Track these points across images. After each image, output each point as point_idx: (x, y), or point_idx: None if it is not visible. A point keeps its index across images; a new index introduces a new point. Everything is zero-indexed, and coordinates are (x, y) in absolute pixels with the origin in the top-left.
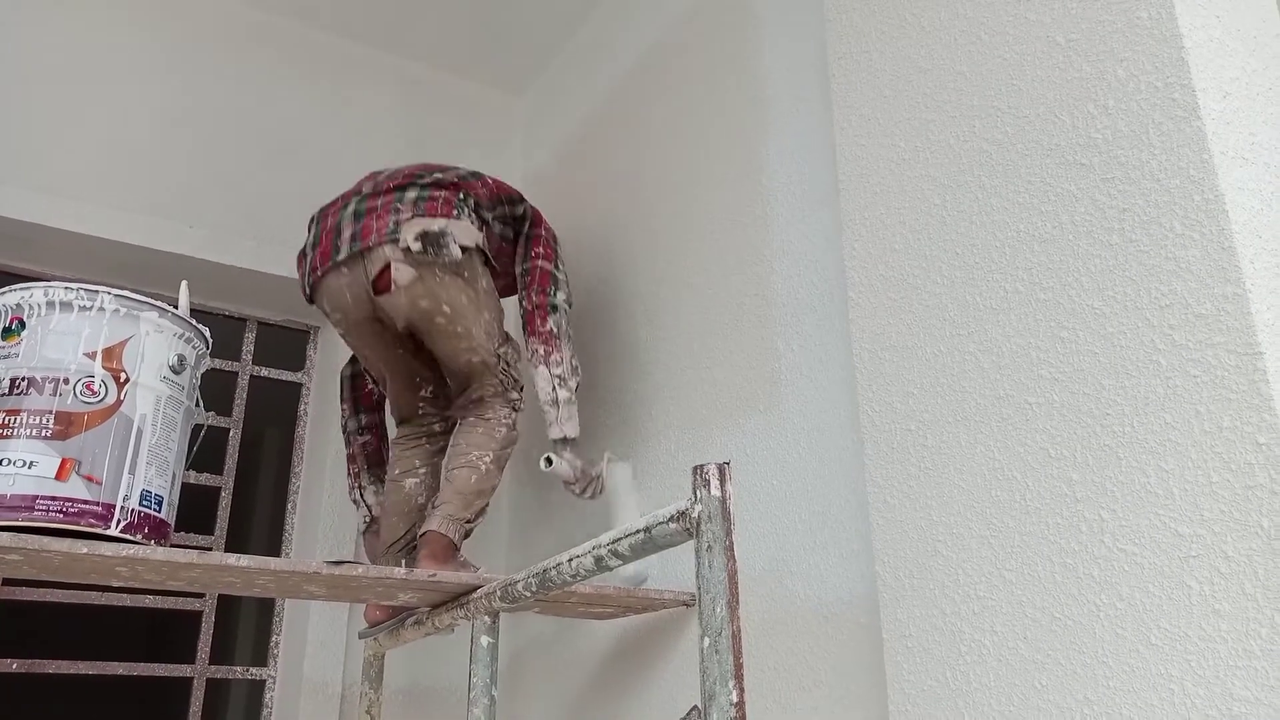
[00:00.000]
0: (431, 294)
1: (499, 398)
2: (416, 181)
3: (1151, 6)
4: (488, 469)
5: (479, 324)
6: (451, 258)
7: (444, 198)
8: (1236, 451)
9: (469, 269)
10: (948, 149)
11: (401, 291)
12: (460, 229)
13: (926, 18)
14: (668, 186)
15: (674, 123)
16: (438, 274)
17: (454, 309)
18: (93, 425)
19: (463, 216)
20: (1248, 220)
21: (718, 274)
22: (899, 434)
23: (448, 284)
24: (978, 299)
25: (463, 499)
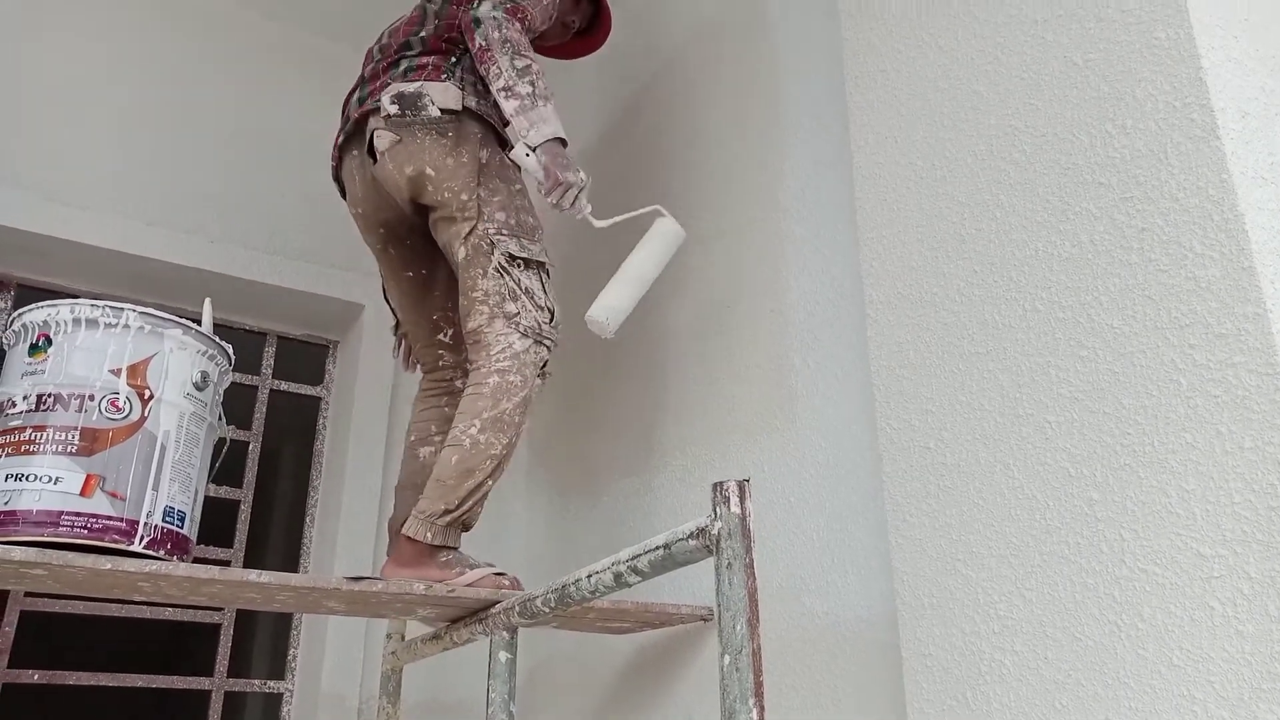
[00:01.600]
0: (412, 157)
1: (497, 318)
2: (406, 54)
3: (1169, 27)
4: (474, 442)
5: (469, 191)
6: (429, 116)
7: (432, 64)
8: (1258, 472)
9: (455, 130)
10: (965, 168)
11: (386, 158)
12: (439, 90)
13: (944, 38)
14: (684, 202)
15: (690, 139)
16: (418, 135)
17: (438, 172)
18: (117, 442)
19: (451, 79)
20: (1267, 240)
21: (734, 290)
22: (918, 452)
23: (428, 146)
24: (997, 317)
25: (441, 488)
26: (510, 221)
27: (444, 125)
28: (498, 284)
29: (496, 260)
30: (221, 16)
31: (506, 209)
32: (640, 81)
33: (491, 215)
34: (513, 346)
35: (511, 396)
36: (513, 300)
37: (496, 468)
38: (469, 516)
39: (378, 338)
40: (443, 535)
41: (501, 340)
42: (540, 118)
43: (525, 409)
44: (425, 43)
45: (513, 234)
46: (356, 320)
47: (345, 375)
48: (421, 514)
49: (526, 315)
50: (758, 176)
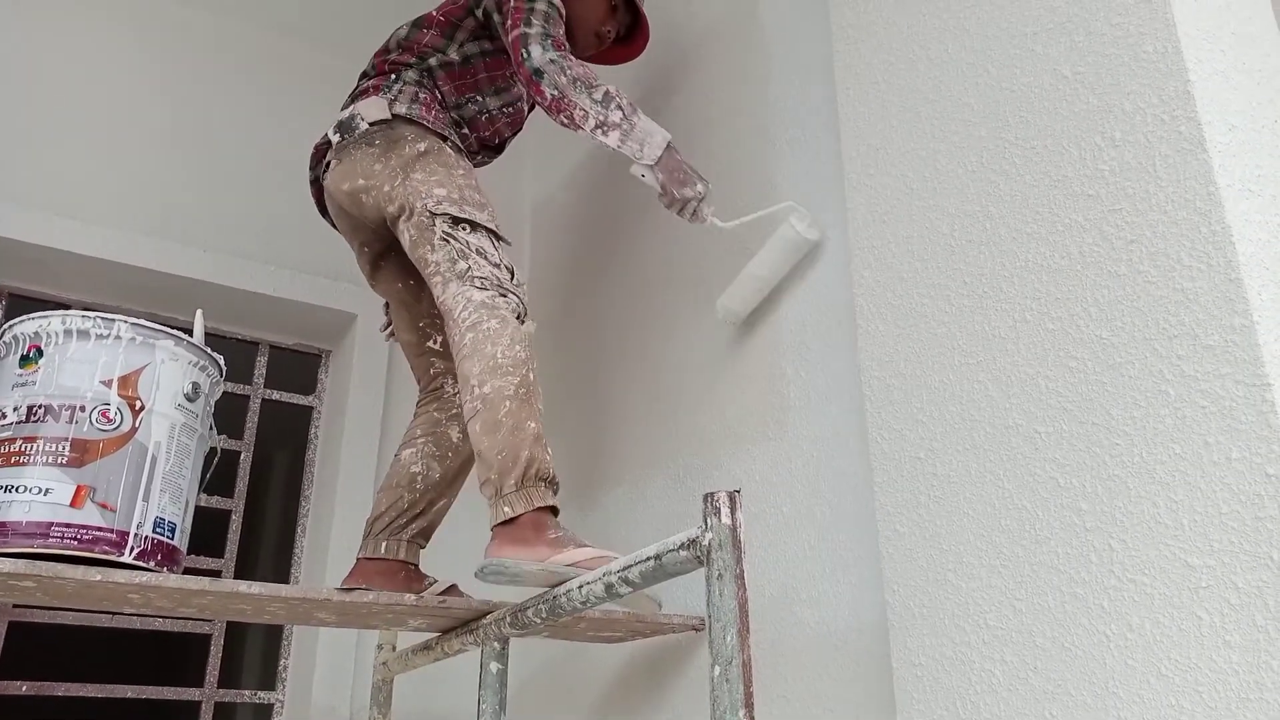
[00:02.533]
0: (347, 174)
1: (451, 282)
2: (360, 82)
3: (1157, 40)
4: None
5: (398, 182)
6: (360, 132)
7: (371, 85)
8: (1246, 483)
9: (383, 137)
10: (956, 179)
11: (329, 183)
12: (367, 106)
13: (934, 50)
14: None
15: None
16: (352, 152)
17: (368, 179)
18: (108, 453)
19: (387, 93)
20: (1255, 252)
21: None
22: (908, 462)
23: (359, 158)
24: (986, 328)
25: (482, 462)
26: (452, 195)
27: (372, 135)
28: (445, 251)
29: (440, 230)
30: (216, 29)
31: (446, 186)
32: (631, 92)
33: (430, 192)
34: (472, 300)
35: (495, 340)
36: (462, 259)
37: (521, 407)
38: (540, 468)
39: (370, 347)
40: (524, 500)
41: (460, 299)
42: (644, 134)
43: (523, 344)
44: (374, 68)
45: (455, 203)
46: (349, 330)
47: (337, 385)
48: (488, 499)
49: (479, 268)
50: (749, 186)
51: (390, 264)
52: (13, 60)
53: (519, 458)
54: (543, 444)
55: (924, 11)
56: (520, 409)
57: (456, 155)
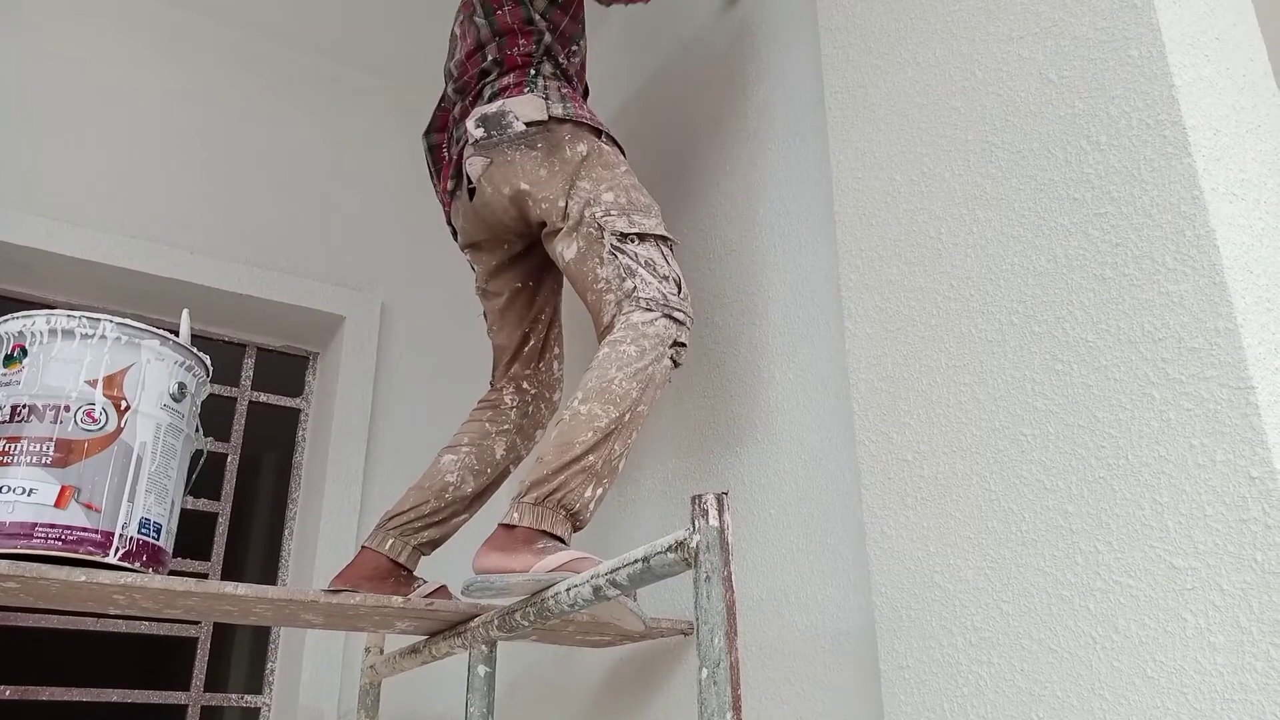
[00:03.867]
0: (507, 176)
1: (622, 301)
2: (487, 81)
3: (1142, 45)
4: (574, 414)
5: (564, 197)
6: (515, 132)
7: (512, 81)
8: (1230, 485)
9: (544, 140)
10: (942, 182)
11: (482, 183)
12: (519, 104)
13: (921, 53)
14: (665, 216)
15: (671, 151)
16: (507, 153)
17: (534, 186)
18: (93, 453)
19: (533, 90)
20: (1238, 255)
21: (714, 301)
22: (895, 464)
23: (519, 161)
24: (973, 331)
25: (537, 466)
26: (620, 200)
27: (532, 138)
28: (614, 267)
29: (609, 243)
30: (203, 31)
31: (614, 190)
32: (623, 96)
33: (598, 199)
34: (630, 319)
35: (623, 367)
36: (631, 276)
37: (600, 442)
38: (568, 497)
39: (359, 349)
40: (533, 515)
41: (621, 320)
42: None
43: (644, 384)
44: (501, 64)
45: (622, 212)
46: (337, 331)
47: (325, 387)
48: (515, 498)
49: (646, 287)
50: (738, 188)
51: (520, 263)
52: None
53: (557, 480)
54: (590, 479)
55: (911, 15)
56: (597, 444)
57: (614, 151)
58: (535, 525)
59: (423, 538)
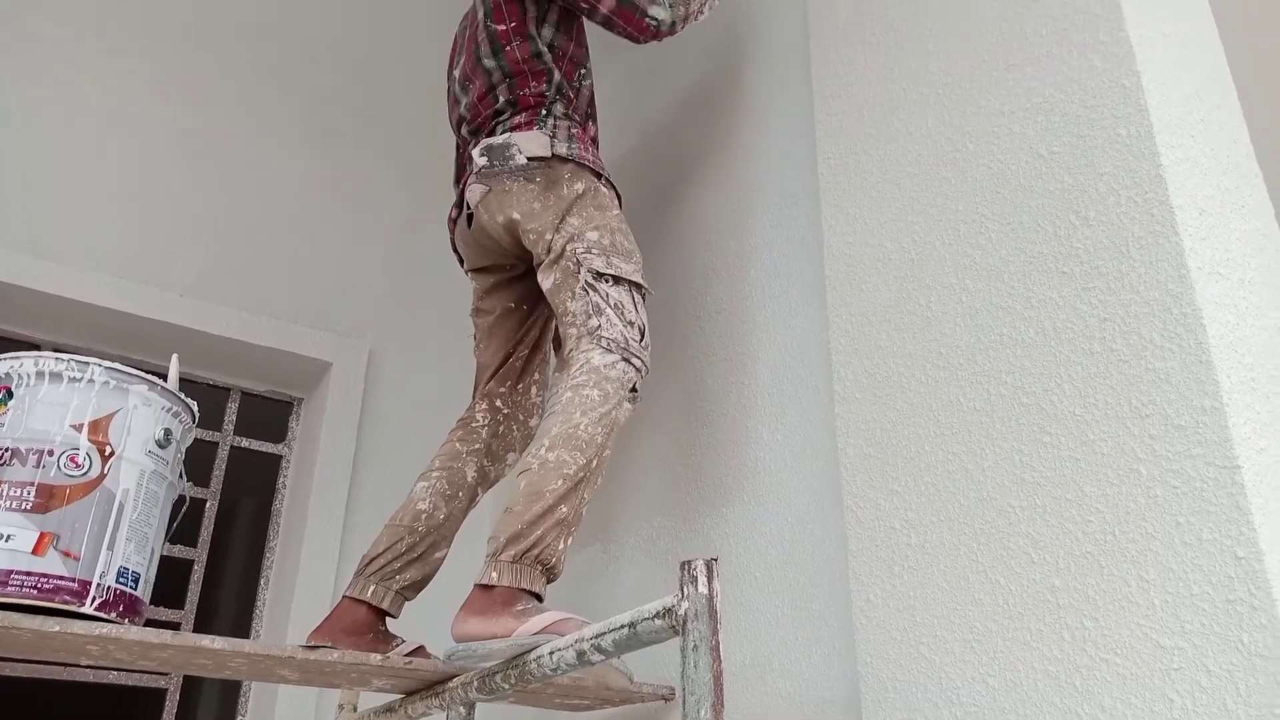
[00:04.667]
0: (502, 205)
1: (583, 337)
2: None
3: (1131, 125)
4: (542, 462)
5: (555, 224)
6: (516, 164)
7: (524, 119)
8: (1217, 564)
9: (543, 175)
10: (933, 251)
11: (480, 210)
12: (525, 139)
13: (914, 125)
14: (659, 273)
15: (665, 206)
16: (506, 183)
17: (525, 217)
18: (74, 499)
19: (542, 128)
20: (1224, 334)
21: (703, 359)
22: (883, 532)
23: (516, 191)
24: (962, 400)
25: (507, 519)
26: (603, 241)
27: (531, 171)
28: (584, 303)
29: (583, 279)
30: (199, 74)
31: (600, 230)
32: (618, 151)
33: (582, 236)
34: (591, 361)
35: (588, 411)
36: (597, 315)
37: (571, 491)
38: (545, 552)
39: (344, 396)
40: (512, 574)
41: (581, 358)
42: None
43: (608, 429)
44: (515, 104)
45: (602, 252)
46: (323, 378)
47: (308, 433)
48: (489, 556)
49: (610, 328)
50: (731, 249)
51: (516, 285)
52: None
53: (533, 535)
54: (564, 532)
55: (904, 86)
56: (568, 493)
57: (610, 195)
58: (514, 584)
59: (405, 579)
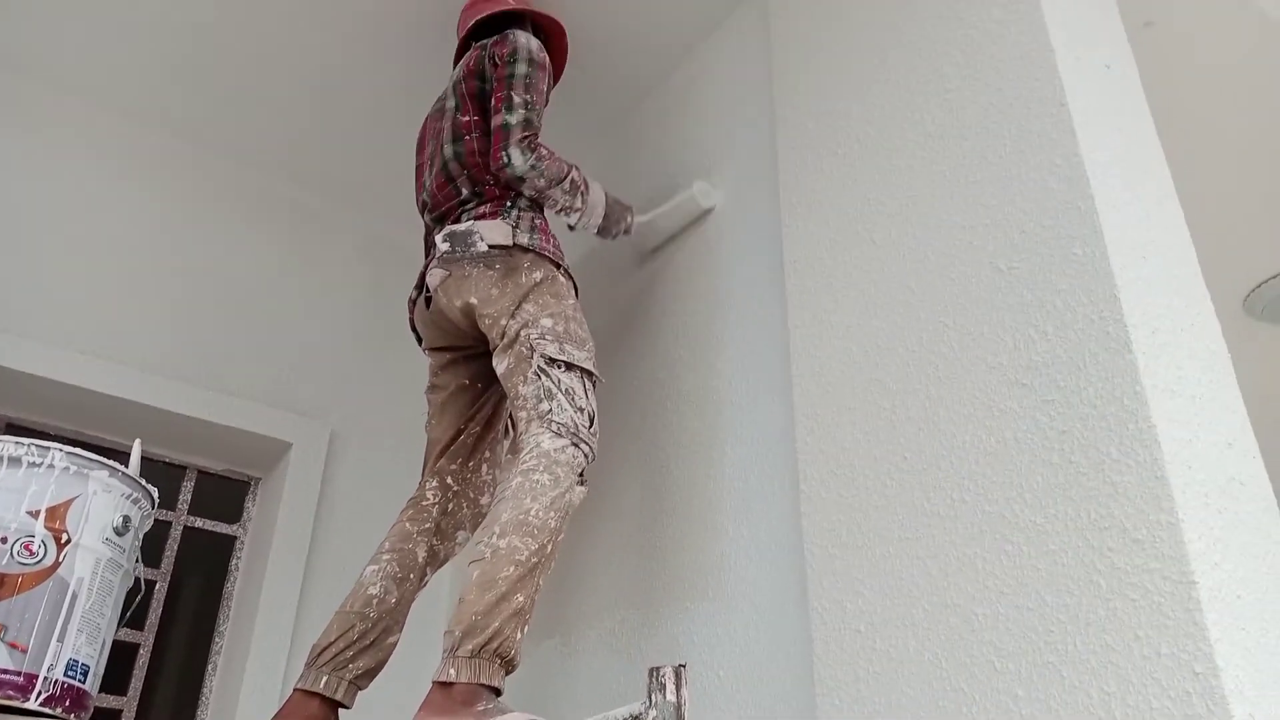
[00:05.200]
0: (460, 289)
1: (533, 421)
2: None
3: (1086, 245)
4: (494, 550)
5: (510, 310)
6: (477, 251)
7: (489, 209)
8: (1175, 679)
9: (503, 263)
10: (896, 357)
11: (439, 293)
12: (488, 227)
13: (879, 234)
14: (627, 365)
15: (633, 300)
16: (466, 269)
17: (482, 303)
18: (26, 588)
19: (508, 217)
20: (1178, 451)
21: (669, 451)
22: (849, 635)
23: (475, 277)
24: (925, 504)
25: (462, 610)
26: (556, 329)
27: (491, 259)
28: (535, 388)
29: (536, 363)
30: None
31: (555, 318)
32: (587, 244)
33: (536, 322)
34: (541, 445)
35: (539, 497)
36: (548, 399)
37: (525, 578)
38: (503, 645)
39: (303, 477)
40: (470, 669)
41: (531, 441)
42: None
43: (561, 513)
44: (480, 195)
45: (556, 339)
46: (282, 458)
47: (265, 514)
48: (445, 651)
49: (561, 413)
50: (699, 343)
51: (472, 363)
52: None
53: (490, 627)
54: (521, 622)
55: (869, 197)
56: (521, 580)
57: (568, 285)
58: (474, 680)
59: (358, 668)
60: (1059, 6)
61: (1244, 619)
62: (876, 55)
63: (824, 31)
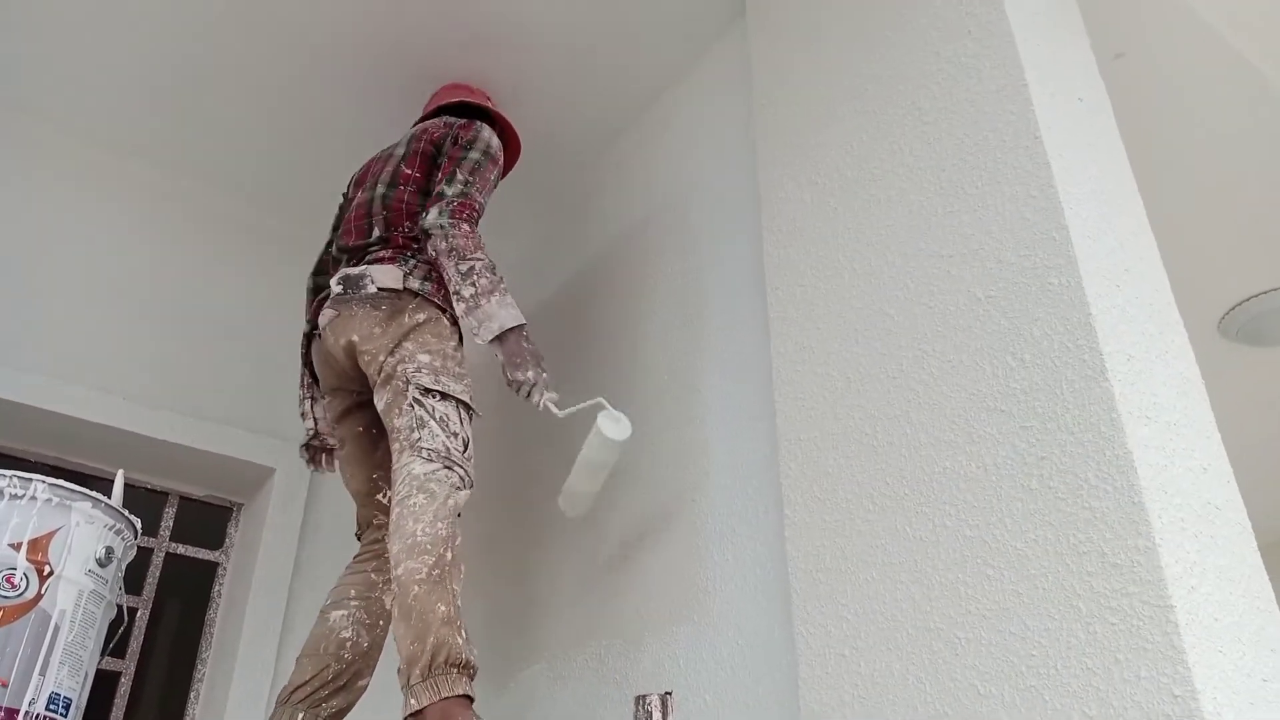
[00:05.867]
0: (345, 328)
1: (404, 450)
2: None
3: (1061, 274)
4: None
5: (390, 348)
6: (366, 294)
7: (388, 255)
8: (1155, 702)
9: (389, 305)
10: (878, 383)
11: (326, 331)
12: (380, 271)
13: (859, 262)
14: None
15: (614, 332)
16: (354, 309)
17: (363, 340)
18: (7, 621)
19: (404, 265)
20: (1154, 476)
21: (657, 477)
22: (833, 659)
23: (360, 317)
24: (908, 529)
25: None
26: (434, 364)
27: (379, 300)
28: (408, 419)
29: (411, 394)
30: (144, 180)
31: (433, 354)
32: (566, 272)
33: (414, 358)
34: (412, 471)
35: (419, 517)
36: (420, 428)
37: (434, 590)
38: (450, 654)
39: (286, 503)
40: (429, 691)
41: (403, 471)
42: (486, 315)
43: (447, 520)
44: (387, 240)
45: (431, 371)
46: (265, 484)
47: (248, 540)
48: (403, 688)
49: (433, 439)
50: (683, 372)
51: (363, 411)
52: None
53: (425, 644)
54: (455, 626)
55: (849, 226)
56: (430, 593)
57: (452, 330)
58: (438, 698)
59: (331, 708)
60: (1032, 41)
61: (1221, 642)
62: (855, 88)
63: (803, 64)
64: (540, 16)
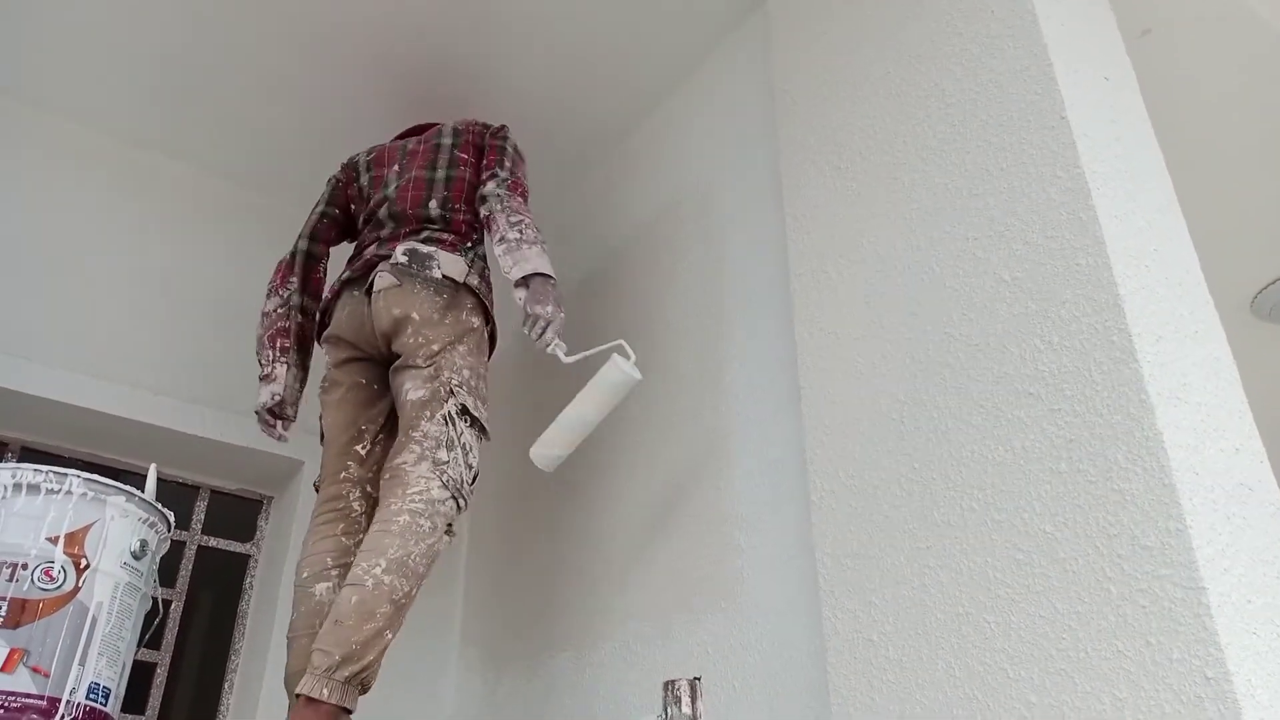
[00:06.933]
0: (403, 301)
1: (425, 460)
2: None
3: (1089, 255)
4: (377, 582)
5: (441, 343)
6: (431, 276)
7: (450, 240)
8: (1187, 684)
9: (450, 295)
10: (904, 368)
11: (380, 296)
12: (448, 259)
13: (883, 248)
14: None
15: (637, 321)
16: (416, 287)
17: (421, 318)
18: (46, 614)
19: (465, 256)
20: (1185, 458)
21: (683, 465)
22: (861, 644)
23: (422, 297)
24: (936, 514)
25: (339, 633)
26: (475, 384)
27: (441, 287)
28: (440, 430)
29: (449, 408)
30: (175, 176)
31: (474, 372)
32: (589, 263)
33: (459, 369)
34: (431, 493)
35: (420, 541)
36: (448, 449)
37: (395, 615)
38: (368, 674)
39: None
40: (341, 694)
41: (422, 482)
42: (523, 257)
43: (429, 561)
44: (448, 221)
45: (473, 392)
46: (295, 476)
47: (278, 532)
48: (318, 669)
49: (455, 468)
50: (707, 357)
51: (370, 365)
52: None
53: (365, 659)
54: (383, 654)
55: (873, 211)
56: (394, 617)
57: (488, 342)
58: (340, 703)
59: None
60: (1056, 19)
61: (1255, 623)
62: (876, 71)
63: (823, 47)
64: (556, 6)
